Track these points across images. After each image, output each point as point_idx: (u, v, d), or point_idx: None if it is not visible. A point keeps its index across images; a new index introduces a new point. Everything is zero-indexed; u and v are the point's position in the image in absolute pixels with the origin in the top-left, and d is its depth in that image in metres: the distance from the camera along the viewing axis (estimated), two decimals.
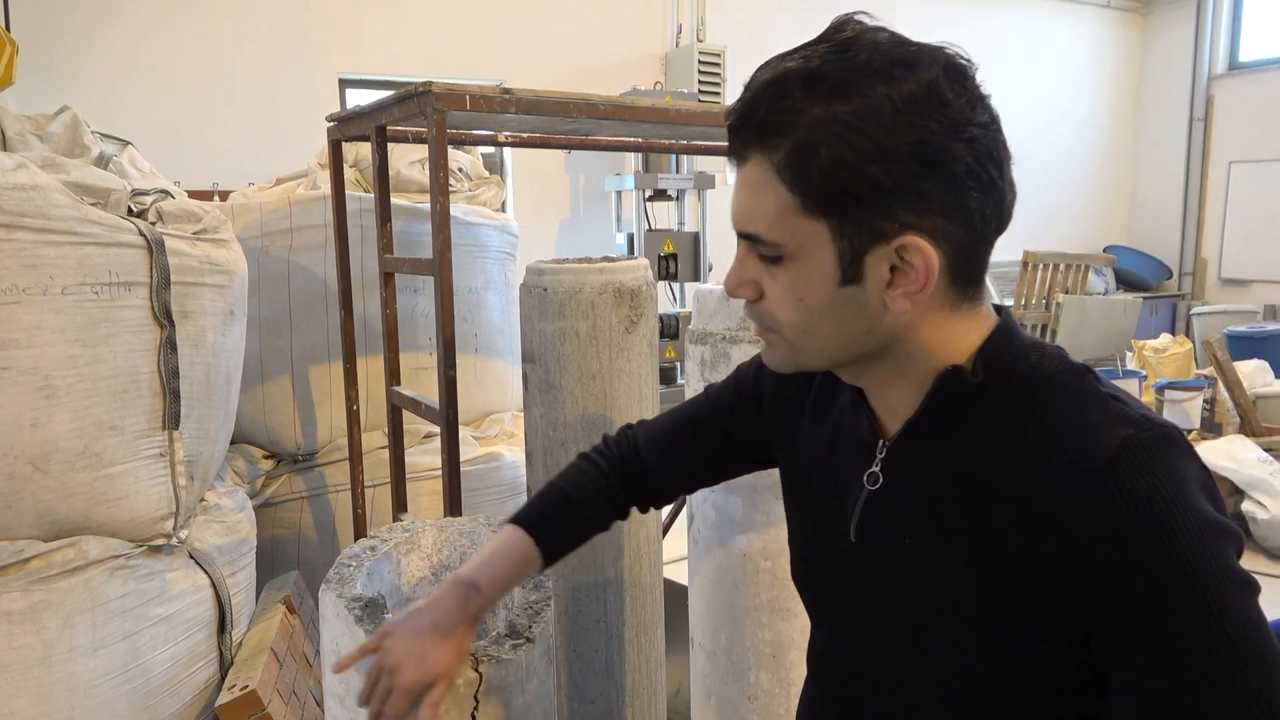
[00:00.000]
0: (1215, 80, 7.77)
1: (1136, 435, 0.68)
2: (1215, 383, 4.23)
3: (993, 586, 0.71)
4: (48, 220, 1.67)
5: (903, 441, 0.79)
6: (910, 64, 0.68)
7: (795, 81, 0.69)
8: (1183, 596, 0.65)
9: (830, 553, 0.86)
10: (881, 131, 0.67)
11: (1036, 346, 0.77)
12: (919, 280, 0.71)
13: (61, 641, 1.68)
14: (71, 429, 1.71)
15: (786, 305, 0.75)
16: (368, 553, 1.15)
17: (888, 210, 0.69)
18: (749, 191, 0.74)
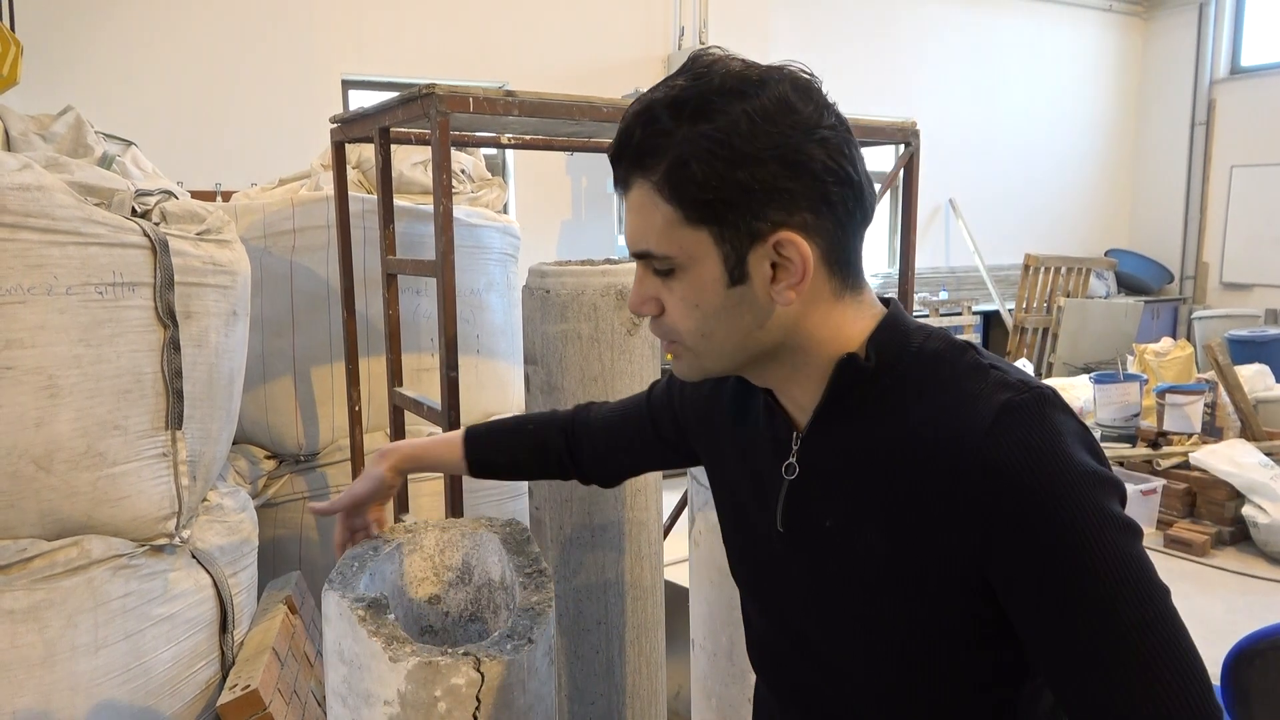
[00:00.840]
0: (1217, 84, 7.78)
1: (1014, 398, 0.74)
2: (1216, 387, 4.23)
3: (906, 555, 0.77)
4: (52, 220, 1.67)
5: (812, 431, 0.85)
6: (760, 82, 0.76)
7: (661, 109, 0.76)
8: (1069, 541, 0.70)
9: (761, 545, 0.92)
10: (743, 141, 0.74)
11: (922, 330, 0.83)
12: (798, 272, 0.78)
13: (64, 640, 1.69)
14: (75, 428, 1.71)
15: (684, 314, 0.81)
16: (370, 553, 1.15)
17: (759, 212, 0.76)
18: (636, 213, 0.80)
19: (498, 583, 1.21)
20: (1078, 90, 7.67)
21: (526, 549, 1.19)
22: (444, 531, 1.23)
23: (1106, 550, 0.70)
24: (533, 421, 1.21)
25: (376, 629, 0.98)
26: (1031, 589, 0.72)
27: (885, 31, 6.41)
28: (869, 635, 0.82)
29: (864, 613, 0.81)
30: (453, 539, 1.23)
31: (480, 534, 1.23)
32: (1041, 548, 0.71)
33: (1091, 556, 0.70)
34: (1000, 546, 0.72)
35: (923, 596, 0.77)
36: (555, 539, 1.75)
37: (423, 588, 1.22)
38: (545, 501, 1.76)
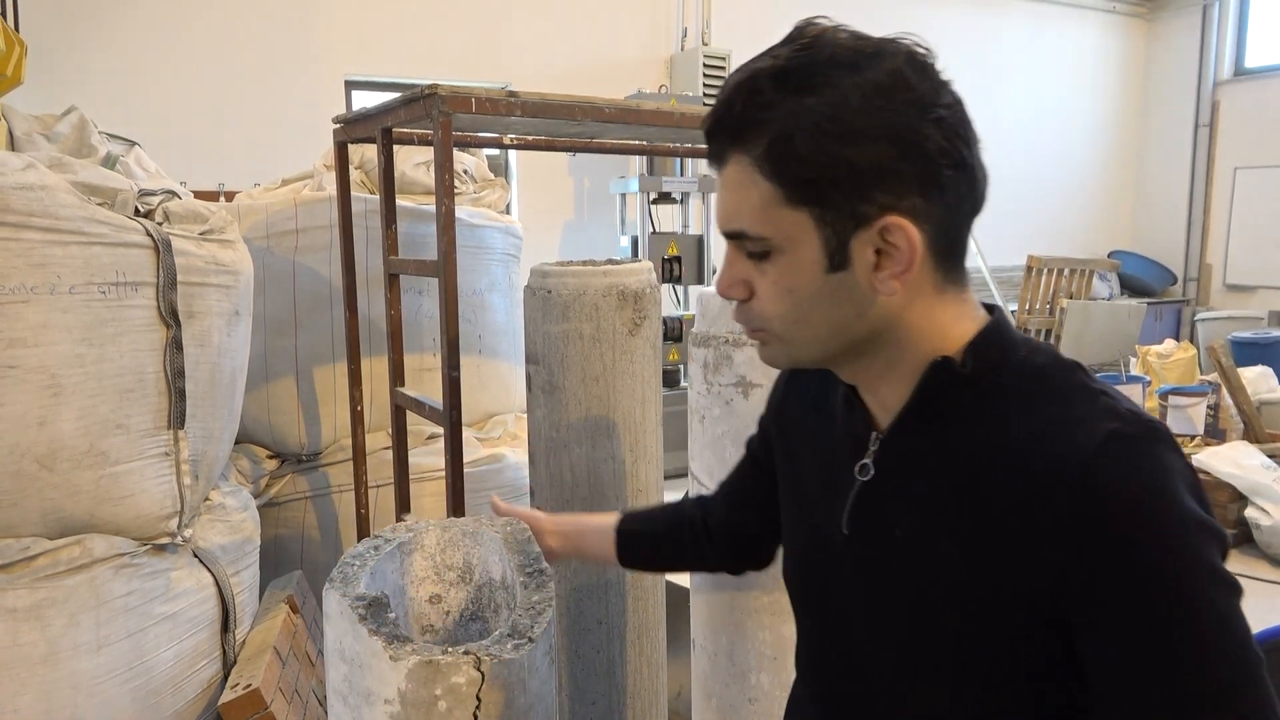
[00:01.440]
0: (1220, 86, 7.77)
1: (1123, 428, 0.69)
2: (1219, 389, 4.22)
3: (981, 574, 0.72)
4: (55, 220, 1.68)
5: (894, 433, 0.81)
6: (874, 55, 0.72)
7: (765, 79, 0.72)
8: (1164, 588, 0.66)
9: (823, 547, 0.87)
10: (853, 117, 0.70)
11: (1027, 342, 0.79)
12: (904, 260, 0.73)
13: (66, 639, 1.69)
14: (77, 427, 1.72)
15: (777, 299, 0.77)
16: (371, 552, 1.15)
17: (866, 194, 0.72)
18: (731, 191, 0.77)
19: (498, 582, 1.21)
20: (1080, 92, 7.66)
21: (527, 548, 1.19)
22: (445, 531, 1.23)
23: (1205, 605, 0.65)
24: (676, 513, 1.21)
25: (377, 628, 0.99)
26: (1117, 633, 0.67)
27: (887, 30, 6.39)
28: (926, 652, 0.77)
29: (924, 628, 0.77)
30: (454, 538, 1.23)
31: (481, 533, 1.23)
32: (1136, 592, 0.66)
33: (1189, 610, 0.65)
34: (1090, 583, 0.67)
35: (991, 619, 0.72)
36: None
37: (424, 587, 1.22)
38: (546, 502, 1.76)
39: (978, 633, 0.73)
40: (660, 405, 1.80)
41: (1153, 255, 7.99)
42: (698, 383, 1.45)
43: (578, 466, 1.72)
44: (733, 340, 1.38)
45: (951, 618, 0.74)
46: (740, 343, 1.38)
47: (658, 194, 4.85)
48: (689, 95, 5.05)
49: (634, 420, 1.73)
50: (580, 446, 1.71)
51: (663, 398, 1.85)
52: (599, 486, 1.72)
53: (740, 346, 1.38)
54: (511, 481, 2.82)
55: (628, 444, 1.73)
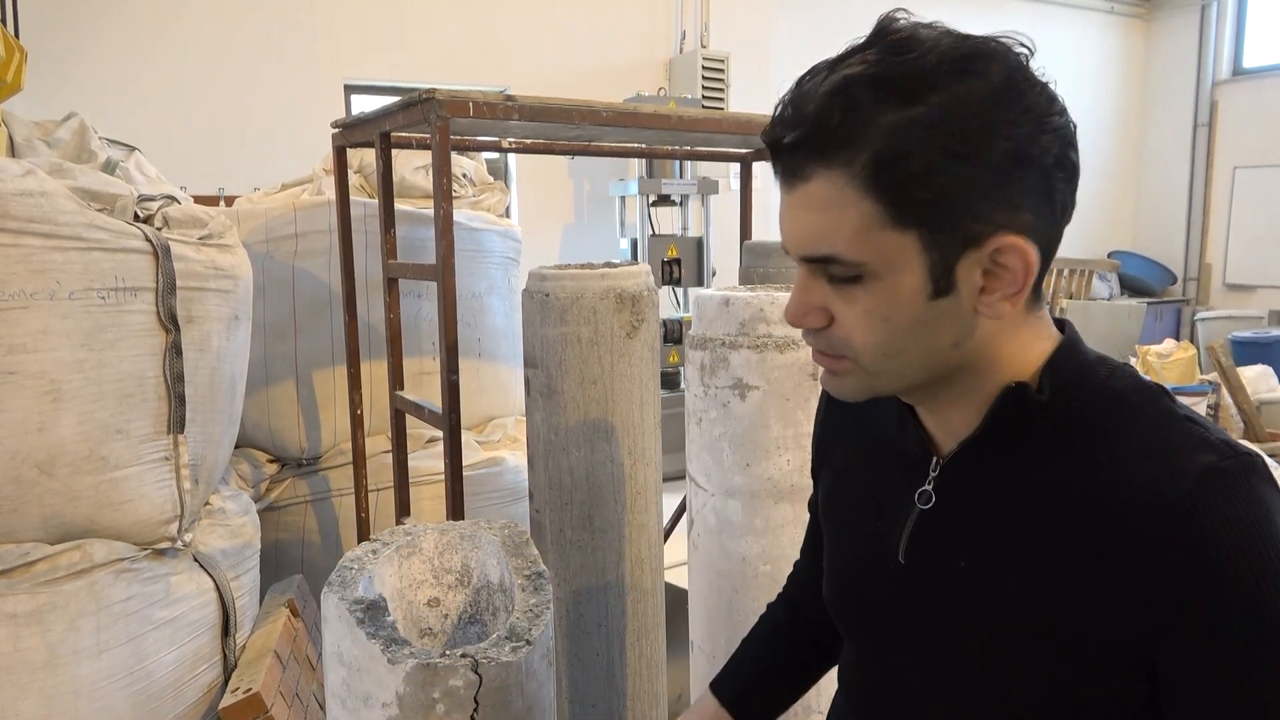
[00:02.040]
0: (1219, 86, 7.77)
1: (1219, 463, 0.64)
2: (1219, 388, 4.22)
3: (1054, 612, 0.68)
4: (55, 226, 1.68)
5: (959, 459, 0.76)
6: (981, 57, 0.66)
7: (863, 88, 0.64)
8: (1260, 638, 0.62)
9: (874, 574, 0.83)
10: (971, 131, 0.64)
11: (1104, 362, 0.74)
12: (1018, 281, 0.68)
13: (66, 644, 1.69)
14: (77, 433, 1.72)
15: (868, 329, 0.69)
16: (369, 556, 1.16)
17: (982, 213, 0.65)
18: (818, 212, 0.67)
19: (496, 585, 1.22)
20: (1079, 92, 7.67)
21: (525, 551, 1.19)
22: (443, 534, 1.23)
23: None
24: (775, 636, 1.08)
25: (375, 631, 0.99)
26: (1207, 680, 0.63)
27: None
28: (985, 688, 0.73)
29: (985, 664, 0.72)
30: (452, 541, 1.23)
31: (479, 536, 1.24)
32: (1231, 640, 0.62)
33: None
34: (1182, 628, 0.63)
35: (1063, 663, 0.68)
36: (555, 542, 1.76)
37: (422, 590, 1.22)
38: (546, 505, 1.77)
39: (1045, 672, 0.69)
40: (658, 408, 1.80)
41: (1152, 255, 8.00)
42: (694, 385, 1.45)
43: (576, 469, 1.72)
44: (729, 342, 1.39)
45: (1018, 654, 0.70)
46: (736, 345, 1.38)
47: (657, 196, 4.86)
48: (688, 98, 5.06)
49: (632, 423, 1.73)
50: (579, 449, 1.71)
51: (663, 400, 1.86)
52: (598, 489, 1.73)
53: (736, 349, 1.38)
54: (511, 485, 2.82)
55: (626, 447, 1.73)
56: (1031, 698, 0.70)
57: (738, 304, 1.39)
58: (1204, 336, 6.80)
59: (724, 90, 5.28)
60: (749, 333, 1.38)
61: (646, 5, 5.39)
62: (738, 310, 1.39)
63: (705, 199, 4.94)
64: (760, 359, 1.36)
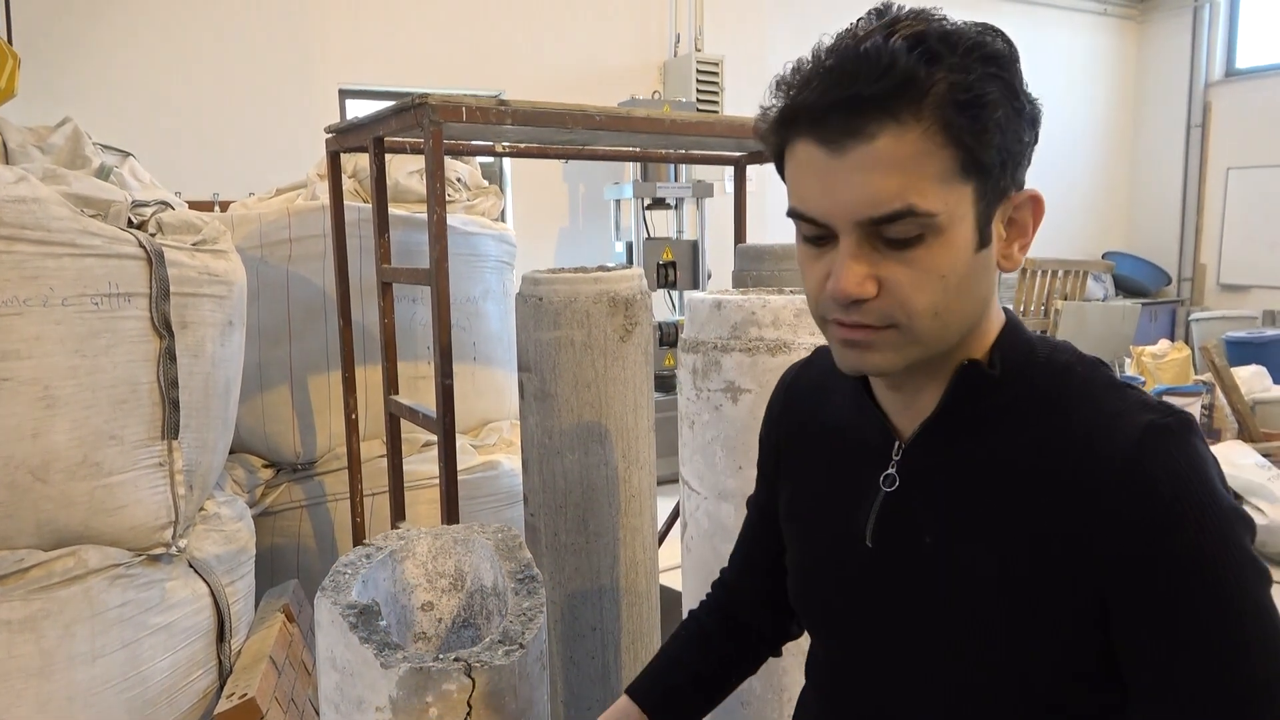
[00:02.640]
0: (1212, 87, 7.80)
1: (1159, 420, 0.69)
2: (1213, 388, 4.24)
3: (1016, 571, 0.72)
4: (48, 232, 1.68)
5: (920, 440, 0.79)
6: (999, 33, 0.71)
7: (938, 42, 0.67)
8: (1208, 579, 0.66)
9: (842, 560, 0.85)
10: (1021, 90, 0.70)
11: (1045, 340, 0.79)
12: (1028, 232, 0.75)
13: (61, 650, 1.69)
14: (71, 439, 1.72)
15: (923, 287, 0.70)
16: (363, 560, 1.16)
17: (1014, 170, 0.71)
18: (886, 167, 0.67)
19: (490, 589, 1.22)
20: (1073, 93, 7.69)
21: (518, 555, 1.20)
22: (436, 538, 1.24)
23: (1246, 595, 0.66)
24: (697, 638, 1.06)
25: (368, 636, 0.99)
26: (1160, 620, 0.67)
27: None
28: (959, 659, 0.75)
29: (958, 634, 0.75)
30: (445, 545, 1.23)
31: (473, 540, 1.24)
32: (1180, 579, 0.66)
33: (1231, 599, 0.66)
34: (1134, 572, 0.67)
35: (1025, 618, 0.71)
36: (550, 546, 1.76)
37: (416, 594, 1.23)
38: (540, 509, 1.77)
39: (1011, 634, 0.72)
40: (652, 411, 1.81)
41: (1147, 256, 8.02)
42: (687, 388, 1.46)
43: (570, 473, 1.72)
44: (720, 345, 1.39)
45: (986, 621, 0.73)
46: (728, 348, 1.38)
47: (652, 200, 4.87)
48: (682, 101, 5.07)
49: (626, 426, 1.73)
50: (573, 453, 1.72)
51: (657, 403, 1.86)
52: (592, 493, 1.73)
53: (728, 352, 1.38)
54: (506, 489, 2.82)
55: (620, 450, 1.73)
56: (1001, 663, 0.73)
57: (730, 307, 1.39)
58: (1198, 337, 6.82)
59: (718, 94, 5.29)
60: (741, 336, 1.38)
61: (640, 9, 5.40)
62: (730, 313, 1.39)
63: (700, 202, 4.95)
64: (752, 362, 1.37)
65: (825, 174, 0.69)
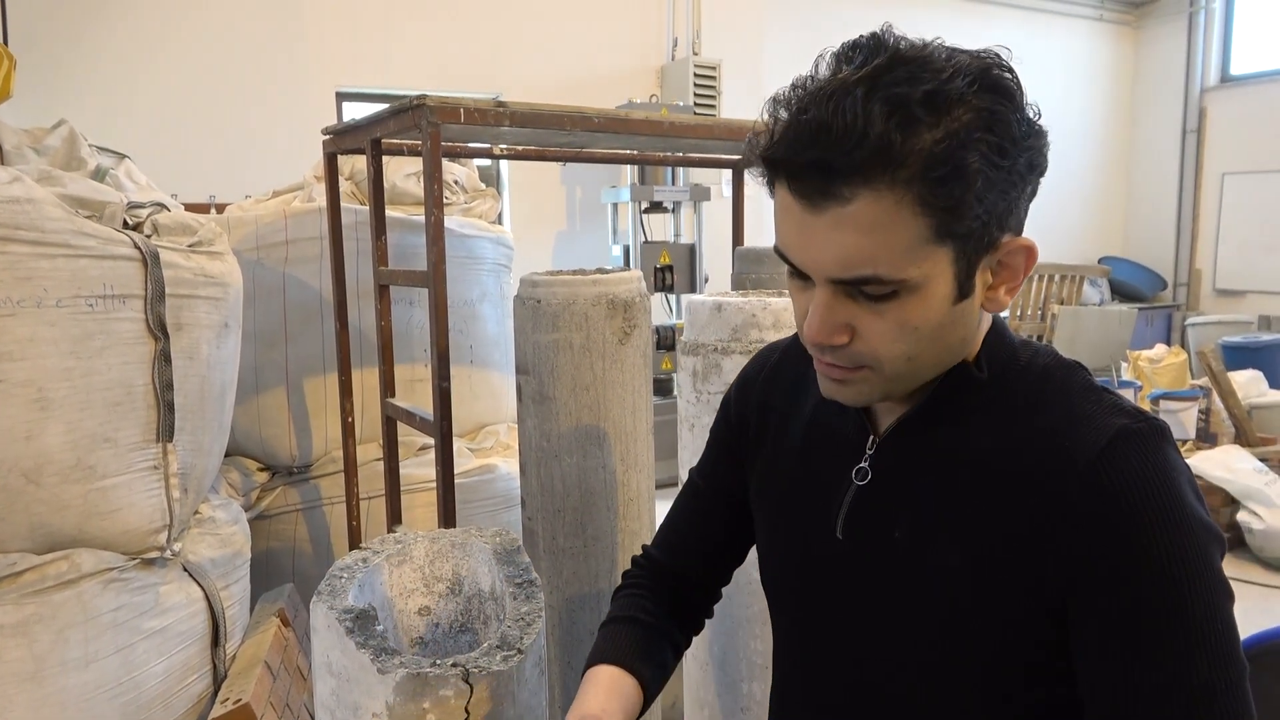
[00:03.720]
0: (1207, 93, 7.83)
1: (1131, 425, 0.70)
2: (1210, 393, 4.24)
3: (984, 568, 0.72)
4: (42, 233, 1.67)
5: (894, 435, 0.80)
6: (1000, 71, 0.68)
7: (919, 105, 0.64)
8: (1164, 580, 0.67)
9: (811, 550, 0.86)
10: (1007, 144, 0.66)
11: (1027, 344, 0.80)
12: (1018, 276, 0.73)
13: (54, 655, 1.68)
14: (65, 441, 1.71)
15: (894, 338, 0.71)
16: (359, 564, 1.15)
17: (1005, 221, 0.70)
18: (859, 233, 0.66)
19: (488, 593, 1.21)
20: (1069, 99, 7.71)
21: (516, 559, 1.19)
22: (433, 542, 1.22)
23: (1201, 602, 0.66)
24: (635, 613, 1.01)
25: (364, 640, 0.98)
26: (1112, 619, 0.68)
27: None
28: (923, 651, 0.77)
29: (923, 627, 0.76)
30: (442, 549, 1.22)
31: (470, 544, 1.23)
32: (1136, 582, 0.67)
33: (1184, 605, 0.66)
34: (1092, 570, 0.68)
35: (991, 614, 0.72)
36: (548, 549, 1.75)
37: (412, 599, 1.21)
38: (538, 512, 1.76)
39: (976, 629, 0.73)
40: (651, 414, 1.80)
41: (1143, 261, 8.04)
42: (687, 391, 1.45)
43: (569, 476, 1.71)
44: (721, 348, 1.38)
45: (951, 614, 0.74)
46: (729, 351, 1.38)
47: (649, 203, 4.86)
48: (680, 105, 5.07)
49: (625, 429, 1.73)
50: (571, 456, 1.71)
51: (655, 406, 1.85)
52: (590, 496, 1.72)
53: (729, 354, 1.38)
54: (503, 492, 2.81)
55: (619, 453, 1.72)
56: (963, 655, 0.74)
57: (730, 310, 1.39)
58: (1195, 342, 6.83)
59: (716, 97, 5.29)
60: (741, 338, 1.37)
61: (639, 13, 5.40)
62: (730, 316, 1.38)
63: (697, 205, 4.94)
64: None
65: (802, 227, 0.70)
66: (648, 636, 0.98)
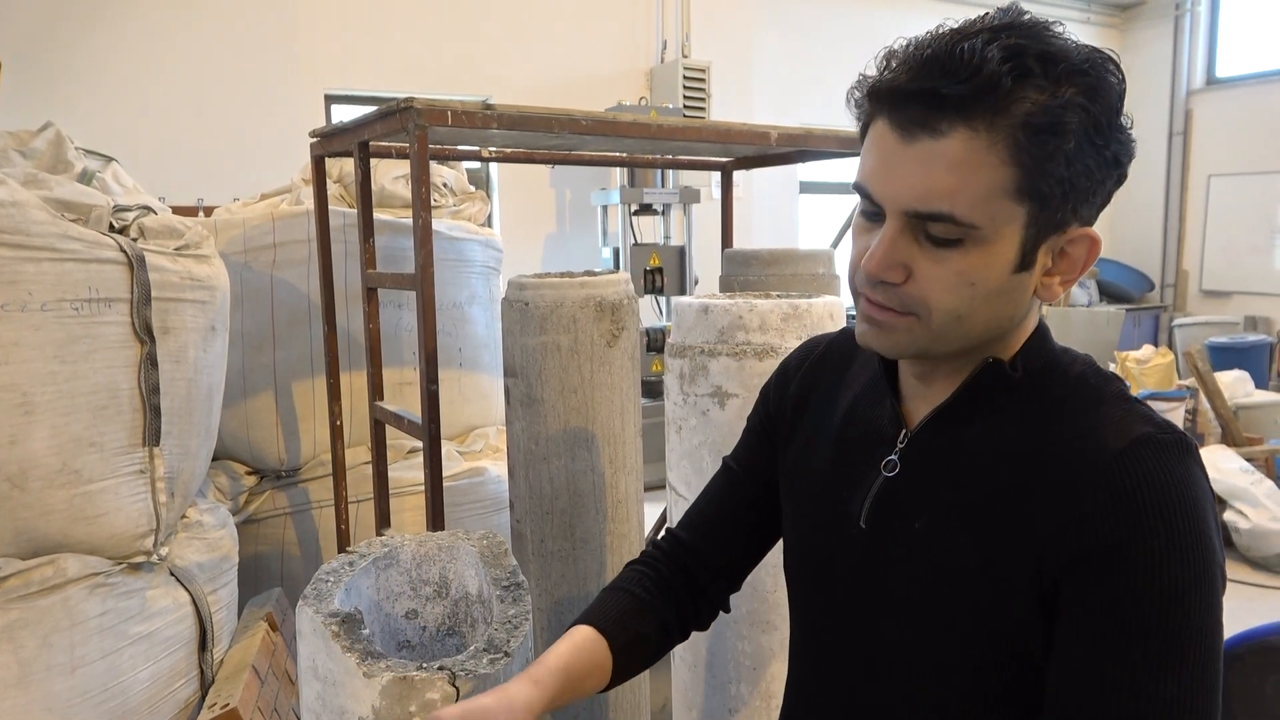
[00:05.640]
0: (1194, 95, 7.88)
1: (1155, 434, 0.70)
2: (1197, 393, 4.27)
3: (995, 561, 0.73)
4: (26, 236, 1.66)
5: (926, 429, 0.81)
6: (1111, 62, 0.70)
7: (1034, 60, 0.66)
8: (1157, 590, 0.66)
9: (836, 539, 0.86)
10: (1105, 124, 0.68)
11: (1068, 352, 0.81)
12: (1076, 269, 0.74)
13: (39, 661, 1.67)
14: (50, 446, 1.70)
15: (951, 290, 0.72)
16: (346, 568, 1.15)
17: (1078, 205, 0.70)
18: (945, 168, 0.68)
19: (475, 596, 1.21)
20: None
21: (504, 562, 1.19)
22: (421, 545, 1.22)
23: (1192, 620, 0.65)
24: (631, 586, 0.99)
25: (351, 644, 0.98)
26: (1097, 616, 0.67)
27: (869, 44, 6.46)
28: (936, 649, 0.77)
29: (935, 624, 0.77)
30: (430, 552, 1.22)
31: (458, 547, 1.23)
32: (1131, 580, 0.66)
33: (1175, 617, 0.65)
34: (1089, 564, 0.68)
35: (996, 603, 0.73)
36: (536, 552, 1.75)
37: (399, 602, 1.21)
38: (526, 515, 1.76)
39: (986, 627, 0.73)
40: (639, 417, 1.80)
41: (1130, 262, 8.08)
42: (674, 393, 1.45)
43: (557, 479, 1.71)
44: (708, 350, 1.39)
45: (961, 608, 0.75)
46: (715, 353, 1.38)
47: (639, 205, 4.86)
48: (669, 107, 5.07)
49: (613, 432, 1.73)
50: (559, 459, 1.71)
51: (644, 409, 1.85)
52: (578, 499, 1.72)
53: (715, 357, 1.38)
54: (493, 495, 2.81)
55: (607, 456, 1.72)
56: (971, 649, 0.74)
57: (716, 312, 1.39)
58: (1182, 342, 6.88)
59: (705, 100, 5.30)
60: (728, 340, 1.38)
61: (628, 15, 5.41)
62: (716, 318, 1.39)
63: (687, 208, 4.94)
64: (739, 366, 1.36)
65: (890, 157, 0.71)
66: (634, 606, 0.97)
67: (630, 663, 0.94)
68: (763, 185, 5.68)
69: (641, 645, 0.96)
